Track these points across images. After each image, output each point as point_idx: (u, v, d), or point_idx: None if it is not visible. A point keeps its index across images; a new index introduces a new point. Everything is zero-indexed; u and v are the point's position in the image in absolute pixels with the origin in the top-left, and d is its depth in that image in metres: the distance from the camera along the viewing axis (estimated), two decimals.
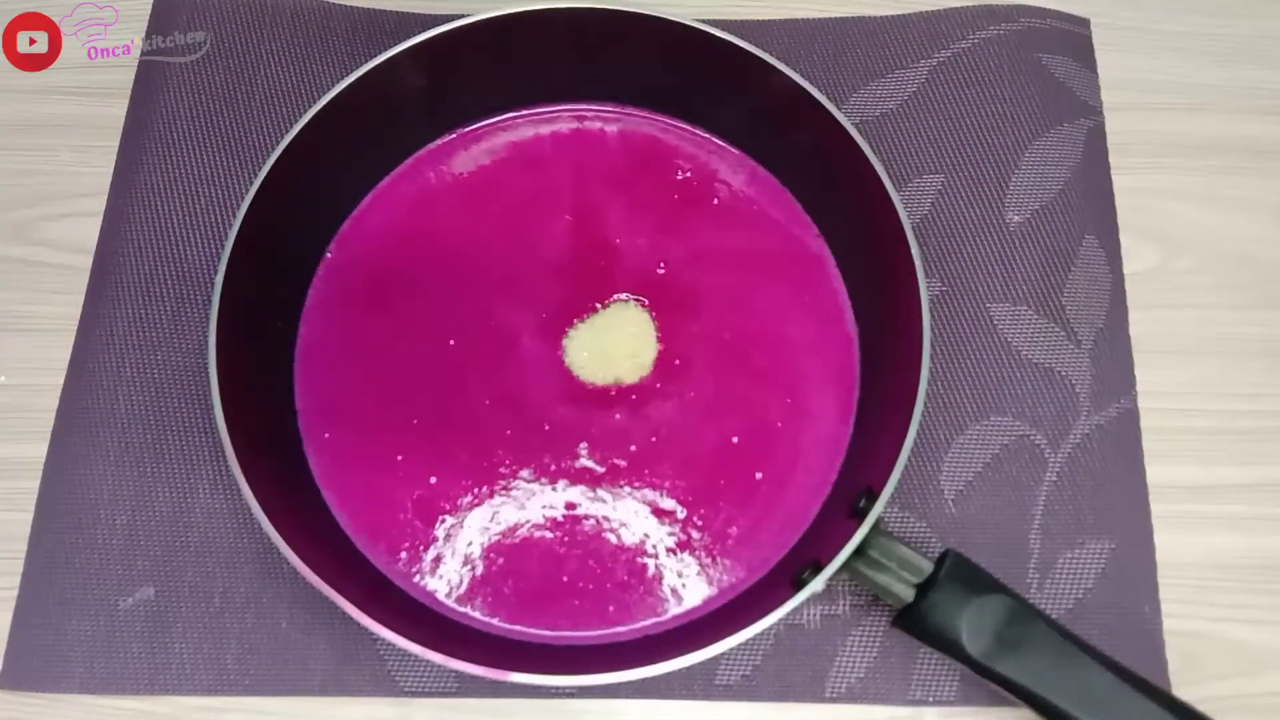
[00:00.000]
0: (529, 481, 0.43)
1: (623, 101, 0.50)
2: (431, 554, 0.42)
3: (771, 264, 0.47)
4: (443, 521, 0.43)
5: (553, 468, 0.43)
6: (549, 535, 0.42)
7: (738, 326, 0.46)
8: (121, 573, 0.43)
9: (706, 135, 0.49)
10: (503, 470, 0.43)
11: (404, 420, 0.44)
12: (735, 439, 0.44)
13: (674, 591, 0.42)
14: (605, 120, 0.50)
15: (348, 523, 0.43)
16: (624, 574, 0.42)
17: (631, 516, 0.43)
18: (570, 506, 0.43)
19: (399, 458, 0.43)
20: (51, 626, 0.42)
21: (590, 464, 0.43)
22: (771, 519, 0.43)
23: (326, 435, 0.44)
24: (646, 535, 0.42)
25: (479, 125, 0.49)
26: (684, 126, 0.49)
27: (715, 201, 0.48)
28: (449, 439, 0.44)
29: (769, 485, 0.43)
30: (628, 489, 0.43)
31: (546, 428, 0.44)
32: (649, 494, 0.43)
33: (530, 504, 0.43)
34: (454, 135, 0.49)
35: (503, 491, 0.43)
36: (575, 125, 0.49)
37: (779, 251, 0.47)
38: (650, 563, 0.42)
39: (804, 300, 0.46)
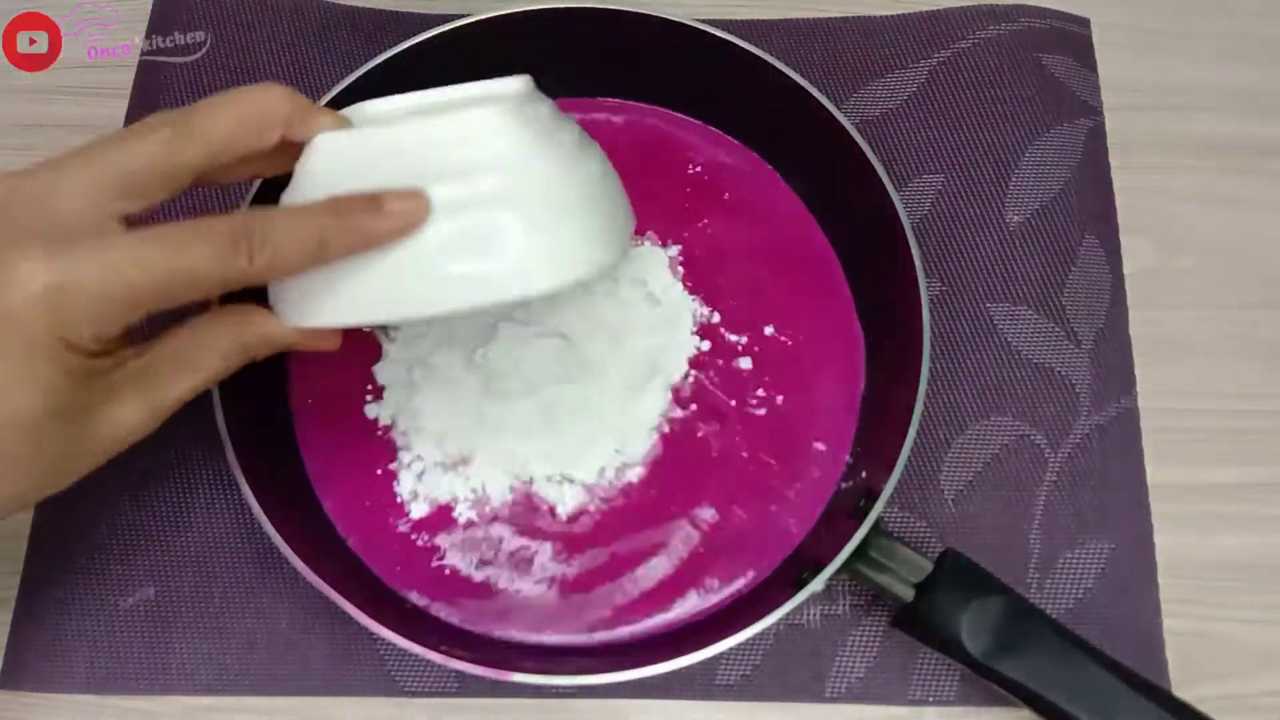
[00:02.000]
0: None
1: (628, 97, 0.49)
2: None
3: (779, 261, 0.47)
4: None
5: None
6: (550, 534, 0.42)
7: (743, 326, 0.45)
8: (121, 573, 0.43)
9: (714, 130, 0.49)
10: None
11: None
12: (737, 437, 0.44)
13: (675, 591, 0.41)
14: (611, 113, 0.49)
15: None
16: (625, 574, 0.42)
17: (632, 516, 0.42)
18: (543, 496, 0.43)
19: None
20: (51, 626, 0.42)
21: None
22: (773, 519, 0.42)
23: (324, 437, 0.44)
24: (647, 535, 0.42)
25: None
26: (692, 121, 0.49)
27: (726, 196, 0.48)
28: None
29: (770, 484, 0.43)
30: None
31: None
32: (650, 493, 0.43)
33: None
34: None
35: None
36: (580, 118, 0.49)
37: (786, 249, 0.47)
38: (651, 563, 0.42)
39: (810, 298, 0.46)
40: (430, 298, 0.31)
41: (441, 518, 0.42)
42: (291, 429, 0.44)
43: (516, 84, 0.35)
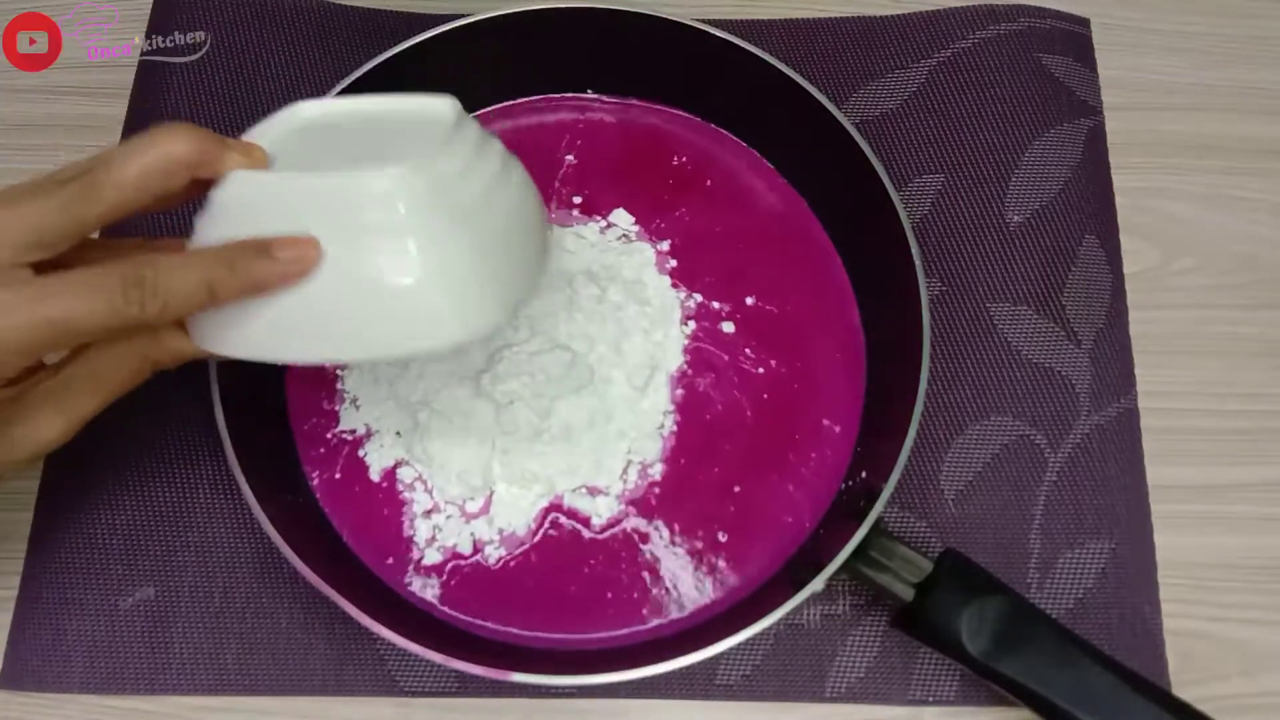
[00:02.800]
0: None
1: (625, 93, 0.49)
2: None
3: (770, 245, 0.47)
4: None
5: None
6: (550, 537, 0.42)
7: (724, 296, 0.46)
8: (121, 573, 0.43)
9: (713, 128, 0.49)
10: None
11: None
12: (735, 390, 0.44)
13: (676, 592, 0.41)
14: (606, 110, 0.49)
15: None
16: (626, 575, 0.42)
17: (634, 515, 0.42)
18: (572, 509, 0.43)
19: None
20: (51, 626, 0.42)
21: None
22: (773, 519, 0.42)
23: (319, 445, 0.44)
24: (649, 535, 0.42)
25: (477, 113, 0.49)
26: (689, 116, 0.49)
27: (716, 190, 0.48)
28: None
29: (786, 457, 0.43)
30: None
31: None
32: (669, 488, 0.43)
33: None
34: None
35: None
36: (576, 114, 0.49)
37: (779, 235, 0.47)
38: (652, 563, 0.42)
39: (812, 297, 0.46)
40: (321, 345, 0.32)
41: (456, 555, 0.42)
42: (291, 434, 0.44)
43: (443, 110, 0.34)
